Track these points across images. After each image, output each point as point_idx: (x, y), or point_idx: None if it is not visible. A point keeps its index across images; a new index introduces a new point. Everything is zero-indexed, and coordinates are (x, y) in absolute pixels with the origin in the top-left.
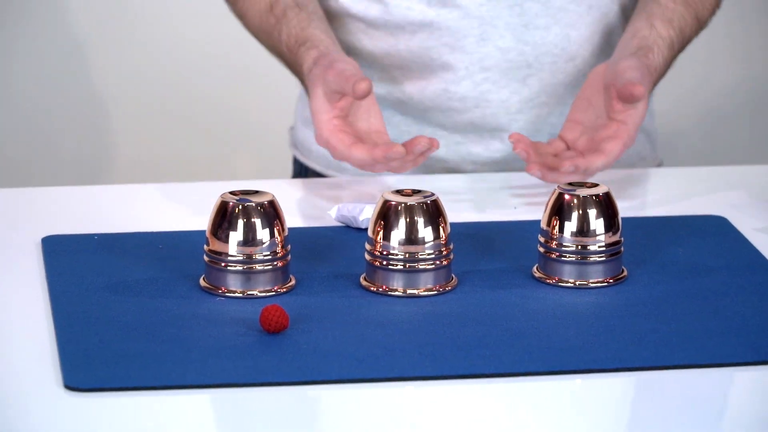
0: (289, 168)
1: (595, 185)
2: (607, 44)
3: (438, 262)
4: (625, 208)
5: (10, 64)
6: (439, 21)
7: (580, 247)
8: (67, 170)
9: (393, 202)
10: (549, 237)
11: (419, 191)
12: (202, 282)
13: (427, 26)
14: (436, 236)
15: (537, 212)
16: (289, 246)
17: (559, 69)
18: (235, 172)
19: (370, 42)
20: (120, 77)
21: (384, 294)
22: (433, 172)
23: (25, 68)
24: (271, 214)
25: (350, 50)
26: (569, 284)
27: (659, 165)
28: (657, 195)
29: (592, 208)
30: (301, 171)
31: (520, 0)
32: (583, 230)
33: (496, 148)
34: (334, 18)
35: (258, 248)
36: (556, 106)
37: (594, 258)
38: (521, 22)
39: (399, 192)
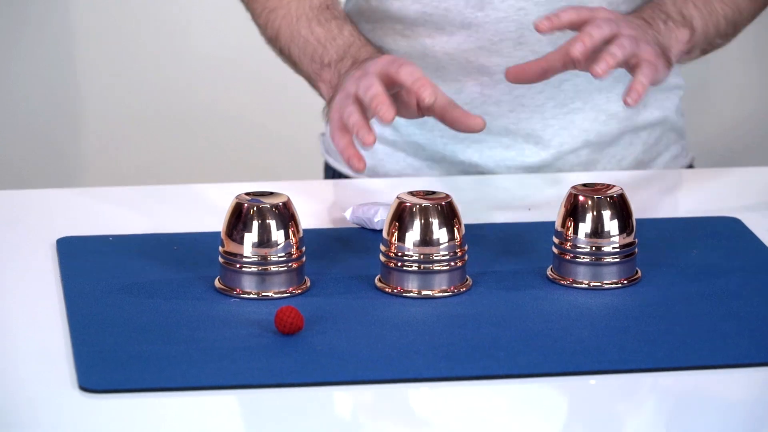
0: (320, 174)
1: (610, 186)
2: None
3: (452, 264)
4: (639, 210)
5: (16, 66)
6: (477, 24)
7: (594, 248)
8: (87, 173)
9: (408, 204)
10: (563, 238)
11: (434, 192)
12: (217, 283)
13: (465, 28)
14: (451, 238)
15: (551, 214)
16: (304, 247)
17: None
18: (265, 174)
19: (406, 43)
20: (145, 85)
21: (399, 295)
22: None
23: (36, 71)
24: (286, 215)
25: (385, 51)
26: (583, 285)
27: (691, 163)
28: (671, 196)
29: (606, 209)
30: (334, 176)
31: (557, 4)
32: (598, 231)
33: (530, 152)
34: (367, 19)
35: (273, 249)
36: (590, 112)
37: (608, 259)
38: None
39: (413, 193)
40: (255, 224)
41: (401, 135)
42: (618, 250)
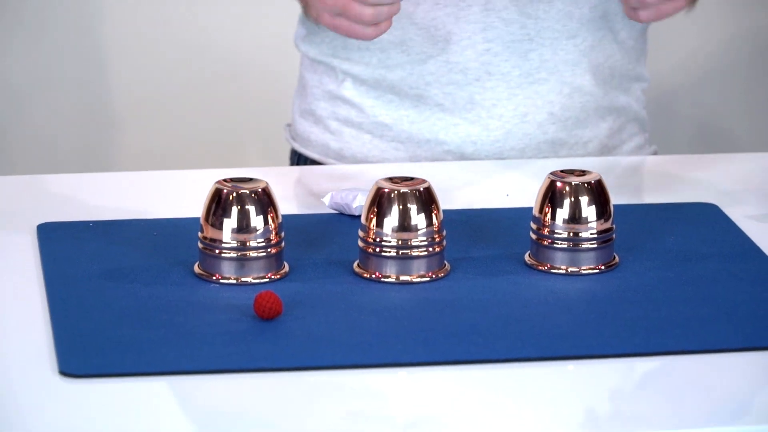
0: (286, 163)
1: (588, 173)
2: (608, 30)
3: (431, 249)
4: (616, 196)
5: (15, 53)
6: None
7: (572, 234)
8: (67, 159)
9: (386, 190)
10: (541, 224)
11: (412, 178)
12: (196, 269)
13: None
14: (429, 223)
15: (529, 199)
16: (283, 233)
17: (560, 46)
18: (233, 164)
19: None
20: (123, 75)
21: (377, 281)
22: (434, 156)
23: (28, 57)
24: (265, 201)
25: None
26: (561, 271)
27: (654, 153)
28: (648, 182)
29: (584, 195)
30: (299, 162)
31: None
32: (575, 217)
33: (494, 127)
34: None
35: (252, 235)
36: (556, 84)
37: (586, 245)
38: None
39: (392, 179)
40: (234, 210)
41: (367, 116)
42: (596, 235)
